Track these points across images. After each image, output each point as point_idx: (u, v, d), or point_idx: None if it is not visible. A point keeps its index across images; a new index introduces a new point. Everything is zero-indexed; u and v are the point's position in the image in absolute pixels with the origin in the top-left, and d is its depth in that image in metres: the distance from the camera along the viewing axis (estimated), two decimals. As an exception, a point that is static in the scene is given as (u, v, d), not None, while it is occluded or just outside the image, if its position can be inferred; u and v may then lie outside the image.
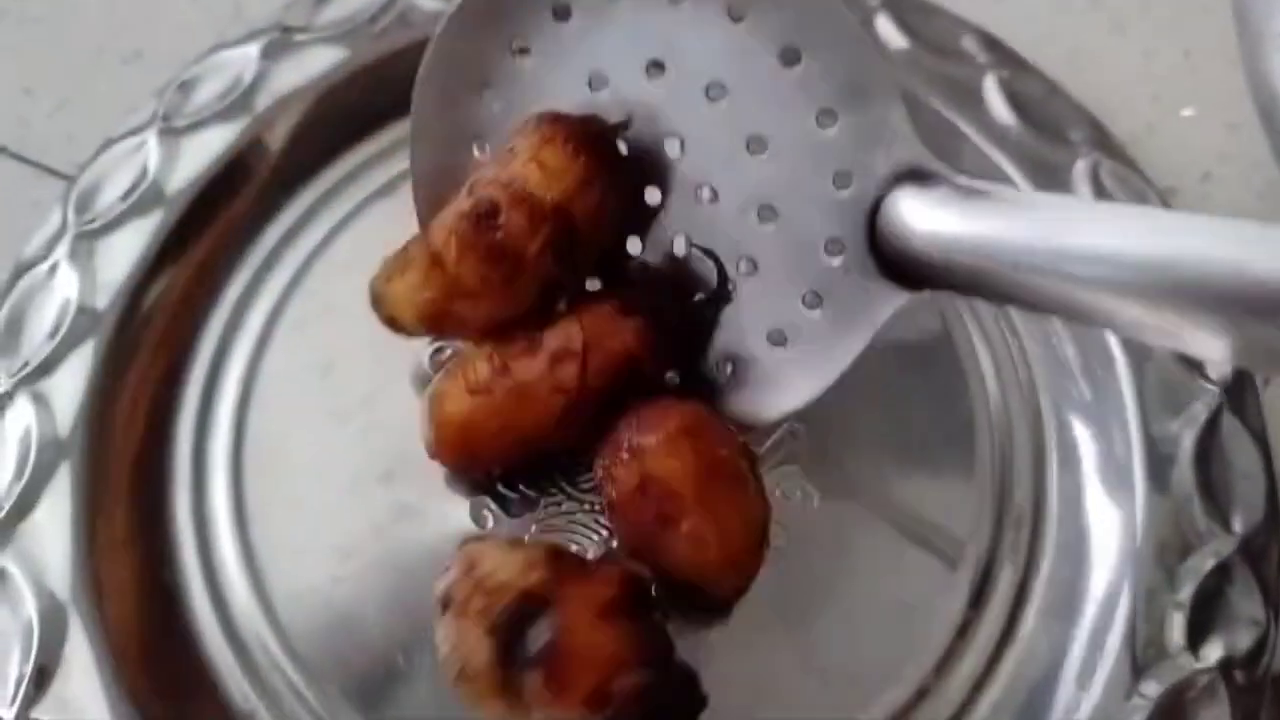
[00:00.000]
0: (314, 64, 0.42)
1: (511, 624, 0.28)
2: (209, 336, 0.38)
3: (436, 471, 0.35)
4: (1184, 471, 0.34)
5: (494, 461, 0.34)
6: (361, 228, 0.40)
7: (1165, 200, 0.39)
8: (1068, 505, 0.35)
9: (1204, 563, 0.32)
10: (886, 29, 0.42)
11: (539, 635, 0.28)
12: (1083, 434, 0.36)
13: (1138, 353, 0.36)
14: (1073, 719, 0.31)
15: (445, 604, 0.30)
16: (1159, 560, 0.32)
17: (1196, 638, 0.31)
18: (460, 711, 0.30)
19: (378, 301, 0.32)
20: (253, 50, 0.42)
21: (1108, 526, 0.34)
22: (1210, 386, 0.35)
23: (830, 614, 0.33)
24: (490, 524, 0.34)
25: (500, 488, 0.35)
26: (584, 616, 0.28)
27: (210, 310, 0.38)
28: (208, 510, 0.35)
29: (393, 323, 0.32)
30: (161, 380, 0.37)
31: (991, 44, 0.42)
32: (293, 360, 0.37)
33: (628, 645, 0.28)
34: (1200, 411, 0.34)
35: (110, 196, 0.39)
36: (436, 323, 0.32)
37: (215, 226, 0.39)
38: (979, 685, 0.32)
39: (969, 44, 0.42)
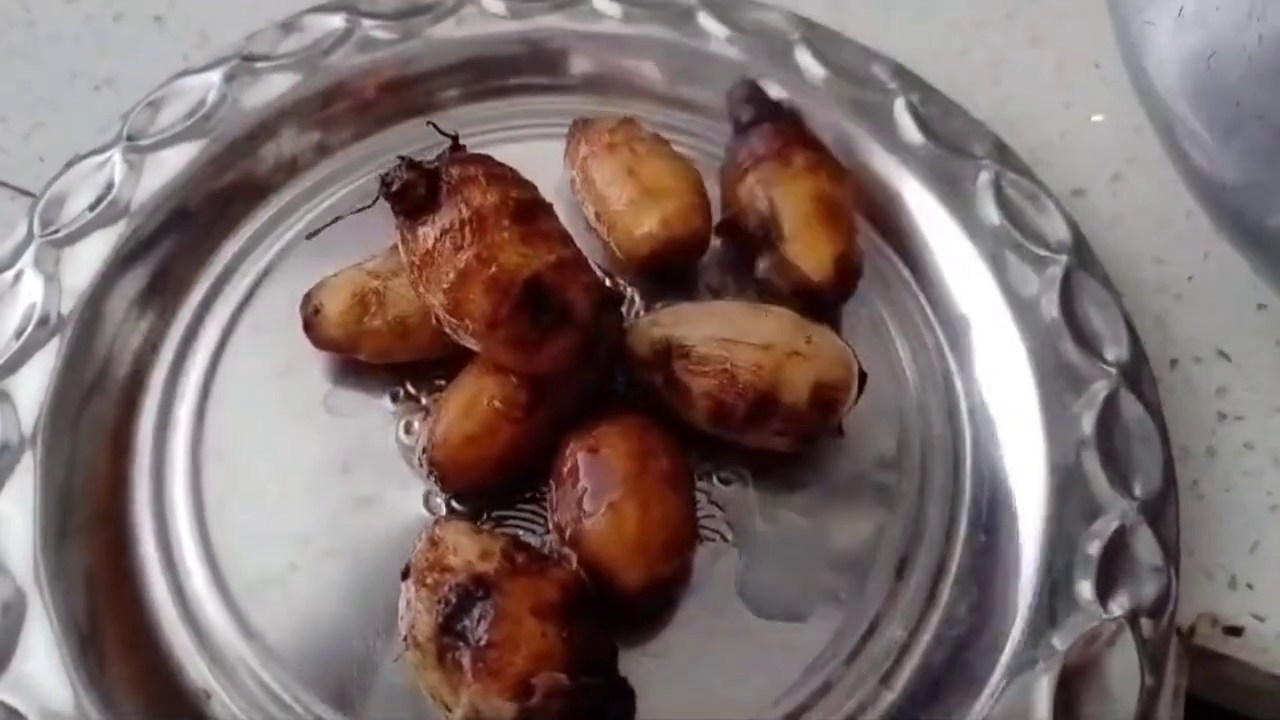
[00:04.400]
0: (273, 89, 0.41)
1: (456, 602, 0.27)
2: (170, 340, 0.37)
3: (392, 463, 0.34)
4: (1088, 445, 0.34)
5: (515, 475, 0.33)
6: (318, 241, 0.39)
7: (1071, 202, 0.40)
8: (982, 480, 0.35)
9: (1109, 525, 0.32)
10: (805, 60, 0.43)
11: (478, 618, 0.27)
12: (994, 414, 0.36)
13: (1040, 339, 0.36)
14: (993, 671, 0.30)
15: (407, 571, 0.29)
16: (1068, 525, 0.32)
17: (1104, 592, 0.31)
18: (410, 694, 0.29)
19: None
20: (215, 76, 0.41)
21: (1020, 498, 0.34)
22: (1108, 368, 0.36)
23: (767, 589, 0.32)
24: (443, 512, 0.34)
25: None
26: (522, 609, 0.27)
27: (172, 315, 0.37)
28: (167, 501, 0.34)
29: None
30: (124, 380, 0.36)
31: (899, 71, 0.43)
32: (252, 362, 0.37)
33: (557, 645, 0.27)
34: (1100, 390, 0.35)
35: (75, 209, 0.38)
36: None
37: (177, 237, 0.39)
38: (906, 648, 0.32)
39: (879, 71, 0.43)
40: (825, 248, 0.35)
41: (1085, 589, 0.31)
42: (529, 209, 0.31)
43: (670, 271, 0.38)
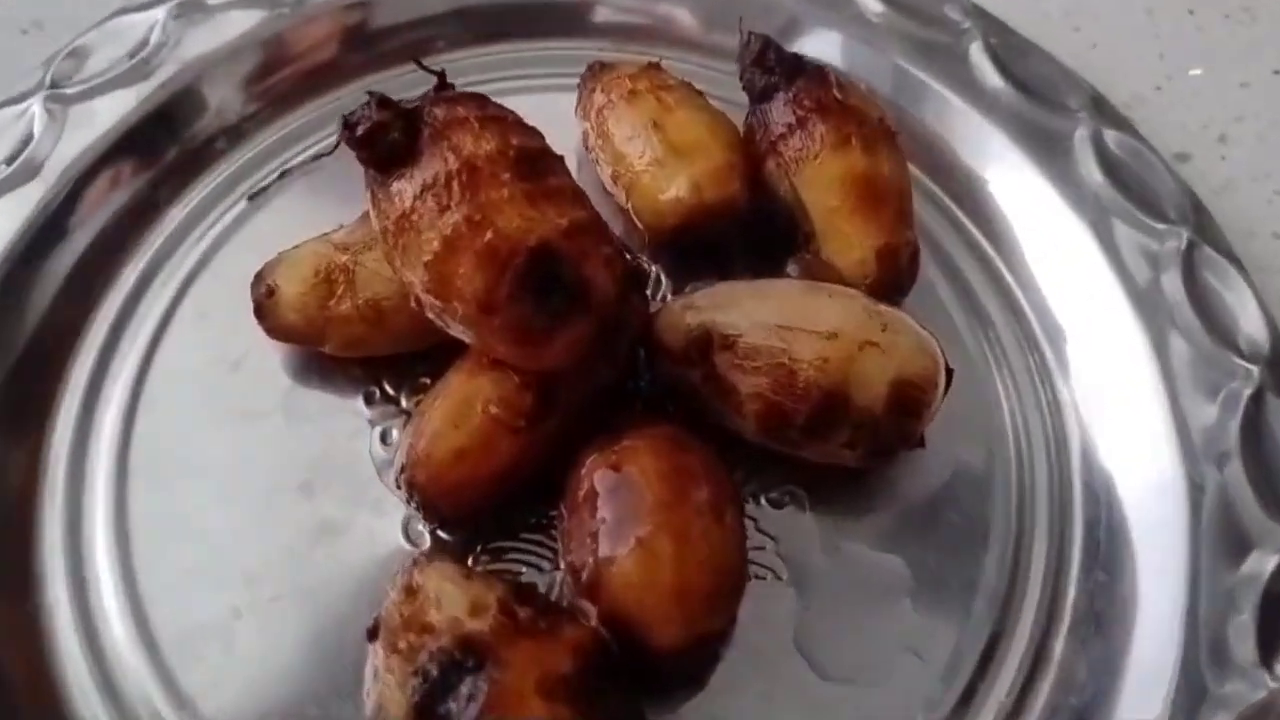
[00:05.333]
0: (227, 29, 0.35)
1: (439, 675, 0.21)
2: (98, 324, 0.31)
3: (364, 482, 0.28)
4: (1230, 459, 0.27)
5: (517, 500, 0.27)
6: (281, 207, 0.33)
7: (1177, 166, 0.33)
8: (1096, 504, 0.28)
9: (1266, 563, 0.26)
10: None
11: (466, 698, 0.20)
12: (1107, 421, 0.29)
13: (1161, 326, 0.29)
14: (1131, 756, 0.24)
15: (374, 631, 0.22)
16: (1214, 562, 0.26)
17: (1269, 650, 0.24)
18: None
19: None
20: (159, 13, 0.35)
21: (1146, 526, 0.27)
22: (1248, 364, 0.29)
23: (832, 641, 0.26)
24: (427, 544, 0.27)
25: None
26: (525, 684, 0.20)
27: (98, 298, 0.31)
28: (84, 530, 0.27)
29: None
30: (36, 376, 0.29)
31: (974, 9, 0.36)
32: (197, 353, 0.30)
33: None
34: (1241, 390, 0.28)
35: (-18, 168, 0.32)
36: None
37: (110, 201, 0.32)
38: (1010, 718, 0.25)
39: (950, 10, 0.36)
40: (864, 241, 0.29)
41: (1245, 647, 0.25)
42: (535, 160, 0.24)
43: (702, 245, 0.31)
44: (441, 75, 0.26)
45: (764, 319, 0.26)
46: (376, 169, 0.24)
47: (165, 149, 0.33)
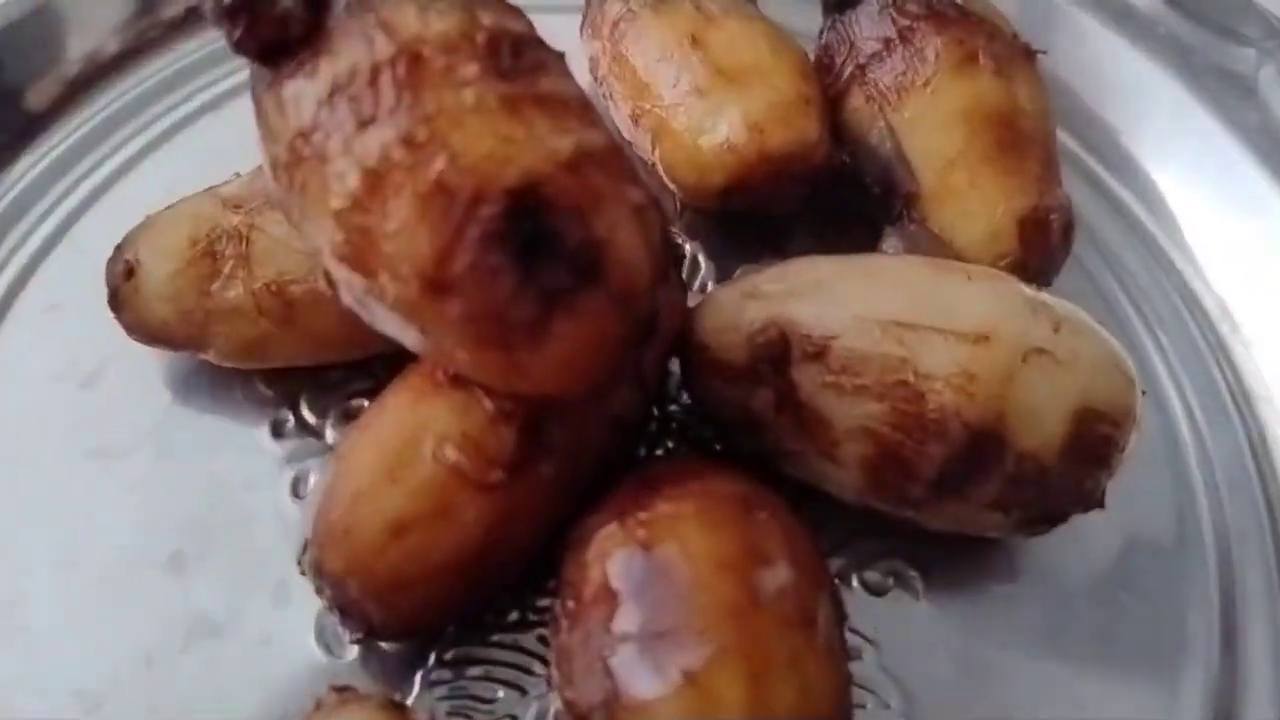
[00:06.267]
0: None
1: None
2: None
3: (264, 554, 0.20)
4: None
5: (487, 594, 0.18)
6: (173, 159, 0.25)
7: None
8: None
9: None
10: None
11: None
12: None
13: None
14: None
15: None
16: None
17: None
18: None
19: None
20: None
21: None
22: None
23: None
24: (353, 655, 0.19)
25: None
26: None
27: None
28: None
29: None
30: None
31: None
32: (37, 362, 0.24)
33: None
34: None
35: None
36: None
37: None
38: None
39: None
40: (999, 205, 0.21)
41: None
42: (519, 50, 0.15)
43: (760, 214, 0.23)
44: None
45: (872, 311, 0.17)
46: (261, 59, 0.15)
47: (15, 84, 0.26)
